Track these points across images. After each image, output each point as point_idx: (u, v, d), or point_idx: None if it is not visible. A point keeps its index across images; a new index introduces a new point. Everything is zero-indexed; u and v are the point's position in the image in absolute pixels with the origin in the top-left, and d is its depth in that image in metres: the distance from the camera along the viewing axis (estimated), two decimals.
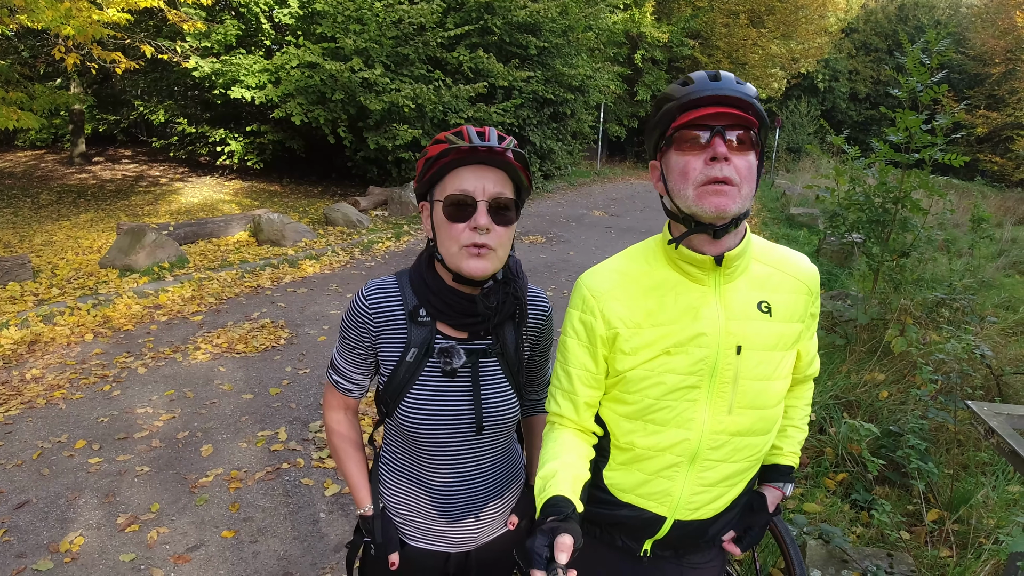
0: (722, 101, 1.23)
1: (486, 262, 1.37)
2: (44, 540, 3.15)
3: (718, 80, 1.24)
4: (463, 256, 1.37)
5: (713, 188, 1.22)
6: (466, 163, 1.36)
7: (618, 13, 19.52)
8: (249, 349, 5.60)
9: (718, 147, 1.21)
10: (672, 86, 1.30)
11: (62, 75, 15.19)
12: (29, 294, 6.68)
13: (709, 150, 1.22)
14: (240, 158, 15.11)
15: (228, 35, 12.37)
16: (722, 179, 1.21)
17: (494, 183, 1.37)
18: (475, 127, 1.35)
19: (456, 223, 1.36)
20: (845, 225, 5.64)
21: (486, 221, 1.35)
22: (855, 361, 4.96)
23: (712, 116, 1.22)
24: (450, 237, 1.37)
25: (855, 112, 31.66)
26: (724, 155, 1.20)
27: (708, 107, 1.23)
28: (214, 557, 3.09)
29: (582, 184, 18.64)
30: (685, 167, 1.25)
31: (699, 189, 1.23)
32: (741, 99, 1.22)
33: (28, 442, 4.01)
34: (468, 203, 1.35)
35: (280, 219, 9.82)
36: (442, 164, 1.36)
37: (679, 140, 1.26)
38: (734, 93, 1.22)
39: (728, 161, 1.21)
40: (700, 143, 1.23)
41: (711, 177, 1.21)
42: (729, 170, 1.21)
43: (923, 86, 4.79)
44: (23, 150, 18.47)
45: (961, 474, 3.60)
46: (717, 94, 1.22)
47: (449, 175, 1.38)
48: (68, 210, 11.54)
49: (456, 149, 1.32)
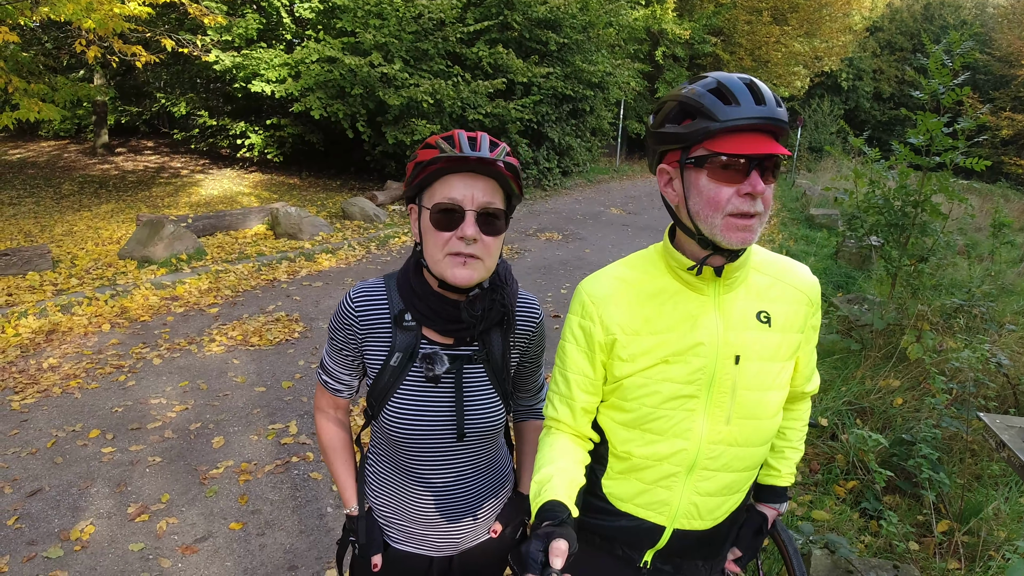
0: (766, 129, 1.17)
1: (471, 271, 1.36)
2: (55, 528, 3.20)
3: (762, 101, 1.16)
4: (448, 264, 1.35)
5: (742, 223, 1.18)
6: (456, 171, 1.33)
7: (639, 9, 19.39)
8: (263, 342, 5.65)
9: (757, 185, 1.16)
10: (705, 97, 1.18)
11: (85, 67, 15.37)
12: (48, 284, 6.78)
13: (746, 184, 1.16)
14: (260, 151, 15.21)
15: (249, 29, 12.45)
16: (753, 214, 1.18)
17: (484, 192, 1.35)
18: (468, 133, 1.33)
19: (443, 231, 1.34)
20: (864, 228, 5.57)
21: (474, 231, 1.33)
22: (870, 366, 4.90)
23: (754, 144, 1.16)
24: (435, 244, 1.36)
25: (879, 112, 31.24)
26: (762, 192, 1.17)
27: (752, 134, 1.17)
28: (221, 548, 3.12)
29: (600, 181, 18.56)
30: (716, 196, 1.19)
31: (727, 220, 1.19)
32: (782, 127, 1.17)
33: (43, 430, 4.08)
34: (456, 212, 1.33)
35: (297, 213, 9.87)
36: (432, 170, 1.33)
37: (713, 165, 1.18)
38: (777, 121, 1.16)
39: (762, 195, 1.18)
40: (737, 173, 1.17)
41: (743, 212, 1.18)
42: (760, 204, 1.18)
43: (945, 88, 4.71)
44: (47, 140, 18.72)
45: (974, 485, 3.55)
46: (763, 123, 1.15)
47: (438, 182, 1.36)
48: (89, 200, 11.69)
49: (447, 157, 1.30)
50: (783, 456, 1.58)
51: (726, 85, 1.18)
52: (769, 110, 1.15)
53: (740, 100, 1.15)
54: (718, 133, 1.16)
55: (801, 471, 3.91)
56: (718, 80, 1.19)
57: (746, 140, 1.16)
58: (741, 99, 1.16)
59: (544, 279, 8.14)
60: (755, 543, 1.57)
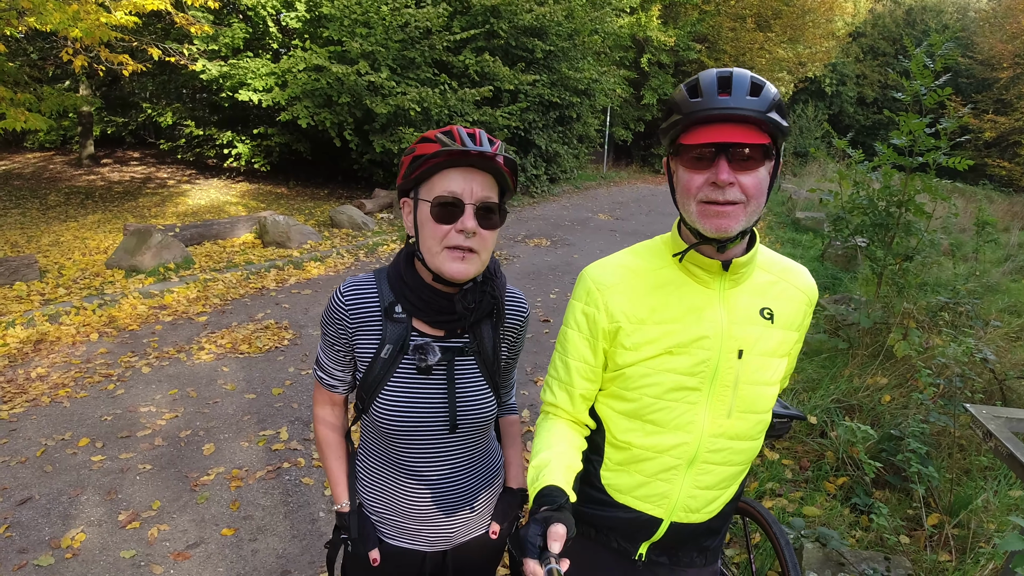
0: (731, 119, 1.18)
1: (468, 265, 1.38)
2: (46, 536, 3.17)
3: (727, 91, 1.17)
4: (445, 258, 1.37)
5: (714, 210, 1.20)
6: (456, 165, 1.35)
7: (624, 17, 19.50)
8: (253, 350, 5.63)
9: (721, 173, 1.17)
10: (680, 93, 1.23)
11: (71, 77, 15.29)
12: (35, 294, 6.72)
13: (712, 171, 1.19)
14: (247, 160, 15.17)
15: (235, 38, 12.44)
16: (723, 202, 1.19)
17: (482, 186, 1.37)
18: (465, 128, 1.35)
19: (442, 224, 1.36)
20: (849, 229, 5.62)
21: (473, 224, 1.35)
22: (857, 365, 4.94)
23: (719, 133, 1.17)
24: (433, 237, 1.37)
25: (863, 116, 31.54)
26: (727, 181, 1.17)
27: (715, 124, 1.18)
28: (213, 555, 3.10)
29: (588, 188, 18.63)
30: (688, 184, 1.23)
31: (700, 207, 1.22)
32: (752, 117, 1.16)
33: (32, 439, 4.04)
34: (456, 205, 1.35)
35: (285, 221, 9.85)
36: (433, 164, 1.35)
37: (684, 154, 1.23)
38: (744, 112, 1.16)
39: (733, 184, 1.18)
40: (704, 162, 1.20)
41: (712, 199, 1.20)
42: (733, 192, 1.18)
43: (927, 89, 4.78)
44: (32, 151, 18.57)
45: (963, 479, 3.59)
46: (727, 112, 1.16)
47: (437, 175, 1.37)
48: (76, 211, 11.61)
49: (448, 151, 1.32)
50: None
51: (699, 79, 1.22)
52: (734, 100, 1.16)
53: (704, 93, 1.19)
54: (689, 126, 1.21)
55: (791, 468, 3.93)
56: (698, 75, 1.23)
57: (713, 130, 1.18)
58: (706, 91, 1.18)
59: (533, 284, 8.16)
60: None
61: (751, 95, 1.17)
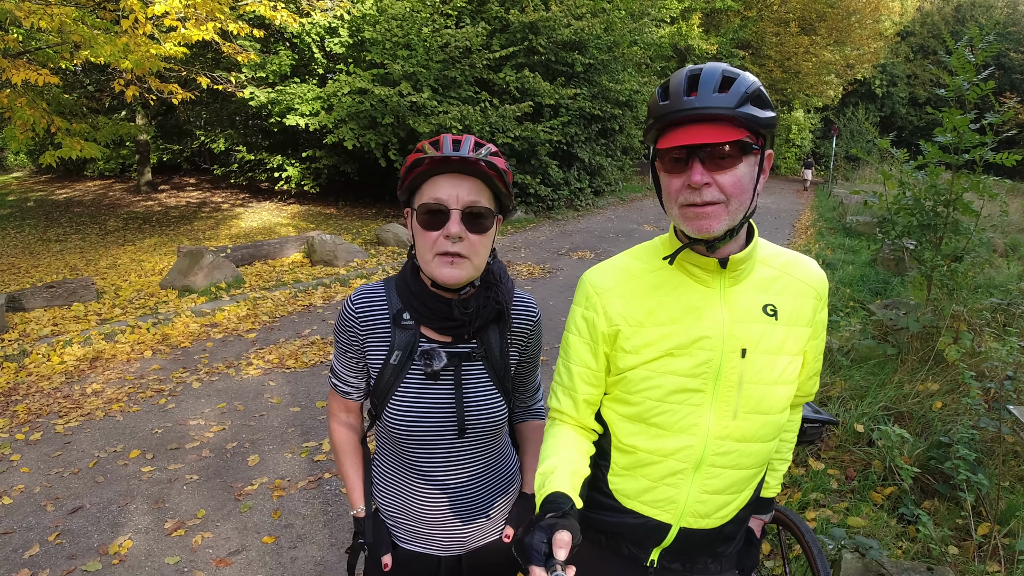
0: (700, 119, 1.16)
1: (458, 270, 1.39)
2: (95, 543, 3.30)
3: (695, 89, 1.15)
4: (437, 264, 1.39)
5: (695, 211, 1.19)
6: (442, 172, 1.38)
7: (664, 27, 19.45)
8: (299, 364, 5.76)
9: (694, 175, 1.15)
10: (653, 96, 1.22)
11: (127, 108, 16.03)
12: (93, 314, 7.04)
13: (687, 174, 1.17)
14: (297, 183, 15.61)
15: (282, 65, 12.87)
16: (701, 203, 1.17)
17: (469, 192, 1.38)
18: (454, 135, 1.37)
19: (430, 231, 1.38)
20: (896, 230, 5.45)
21: (458, 229, 1.36)
22: (907, 371, 4.77)
23: (688, 135, 1.15)
24: (424, 245, 1.40)
25: (915, 117, 30.62)
26: (702, 183, 1.15)
27: (685, 126, 1.17)
28: (254, 561, 3.18)
29: (633, 199, 18.55)
30: (668, 187, 1.23)
31: (681, 210, 1.21)
32: (721, 114, 1.14)
33: (85, 451, 4.22)
34: (441, 211, 1.37)
35: (332, 240, 10.08)
36: (418, 173, 1.38)
37: (661, 157, 1.22)
38: (712, 110, 1.14)
39: (710, 184, 1.16)
40: (680, 164, 1.19)
41: (691, 201, 1.18)
42: (711, 193, 1.16)
43: (969, 84, 4.63)
44: (92, 180, 19.48)
45: (1016, 487, 3.43)
46: (693, 113, 1.15)
47: (426, 184, 1.40)
48: (133, 235, 12.11)
49: (430, 159, 1.35)
50: (772, 468, 1.57)
51: (669, 80, 1.20)
52: (700, 99, 1.14)
53: (672, 94, 1.17)
54: (662, 129, 1.20)
55: (837, 479, 3.82)
56: (671, 76, 1.21)
57: (683, 133, 1.16)
58: (673, 93, 1.17)
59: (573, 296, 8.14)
60: (751, 554, 1.57)
61: (719, 91, 1.15)
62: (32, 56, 7.83)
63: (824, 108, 26.76)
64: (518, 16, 13.24)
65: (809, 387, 1.50)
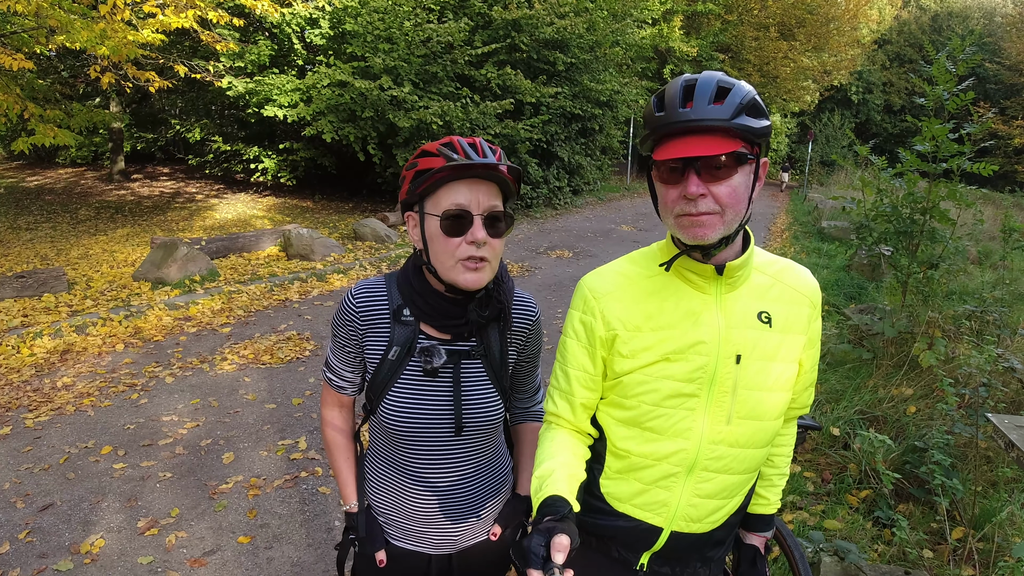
0: (695, 130, 1.16)
1: (481, 274, 1.39)
2: (66, 541, 3.22)
3: (691, 100, 1.15)
4: (459, 270, 1.38)
5: (689, 220, 1.19)
6: (461, 177, 1.36)
7: (646, 28, 19.54)
8: (274, 360, 5.69)
9: (690, 187, 1.16)
10: (648, 106, 1.23)
11: (101, 95, 15.72)
12: (63, 305, 6.87)
13: (683, 185, 1.18)
14: (273, 175, 15.43)
15: (261, 55, 12.70)
16: (697, 214, 1.18)
17: (488, 196, 1.37)
18: (465, 139, 1.36)
19: (453, 237, 1.36)
20: (873, 237, 5.53)
21: (483, 235, 1.36)
22: (882, 376, 4.85)
23: (684, 147, 1.16)
24: (445, 251, 1.38)
25: (890, 124, 31.16)
26: (697, 194, 1.16)
27: (681, 137, 1.17)
28: (229, 562, 3.12)
29: (611, 199, 18.63)
30: (664, 197, 1.23)
31: (677, 219, 1.21)
32: (716, 126, 1.14)
33: (56, 447, 4.12)
34: (465, 217, 1.36)
35: (309, 234, 9.98)
36: (438, 178, 1.35)
37: (657, 167, 1.23)
38: (707, 122, 1.14)
39: (705, 195, 1.17)
40: (676, 175, 1.19)
41: (686, 212, 1.19)
42: (706, 204, 1.17)
43: (949, 94, 4.70)
44: (64, 167, 19.08)
45: (989, 492, 3.49)
46: (688, 124, 1.15)
47: (443, 188, 1.37)
48: (105, 225, 11.87)
49: (454, 165, 1.32)
50: (772, 484, 1.58)
51: (665, 90, 1.20)
52: (695, 111, 1.14)
53: (667, 105, 1.17)
54: (658, 140, 1.20)
55: (813, 481, 3.87)
56: (667, 85, 1.21)
57: (679, 144, 1.16)
58: (668, 104, 1.17)
59: (554, 296, 8.15)
60: (754, 573, 1.58)
61: (715, 102, 1.14)
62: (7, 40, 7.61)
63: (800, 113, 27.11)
64: (501, 13, 13.21)
65: (805, 398, 1.50)
